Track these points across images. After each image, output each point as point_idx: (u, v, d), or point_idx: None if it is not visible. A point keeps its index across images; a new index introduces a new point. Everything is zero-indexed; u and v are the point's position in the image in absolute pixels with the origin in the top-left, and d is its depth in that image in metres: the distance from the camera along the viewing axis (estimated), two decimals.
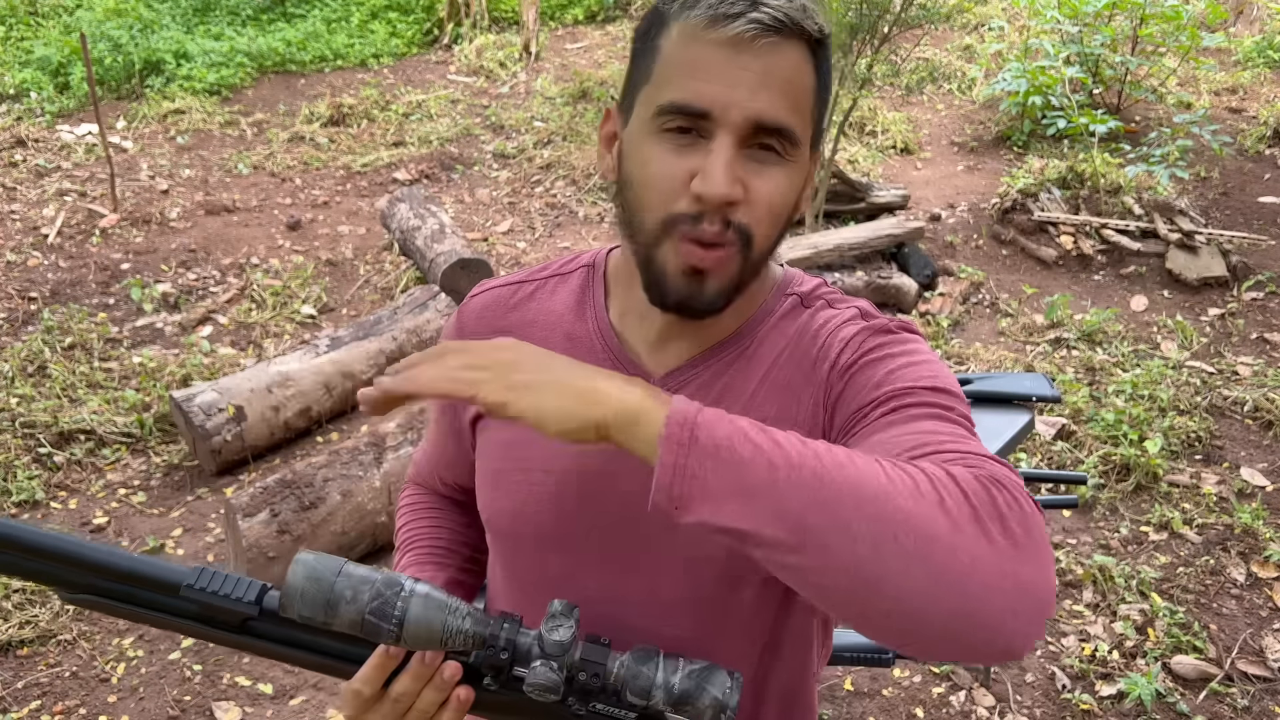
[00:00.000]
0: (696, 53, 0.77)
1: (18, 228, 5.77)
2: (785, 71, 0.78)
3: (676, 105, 0.78)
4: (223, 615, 0.79)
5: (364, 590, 0.74)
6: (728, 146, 0.77)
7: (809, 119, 0.82)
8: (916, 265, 5.17)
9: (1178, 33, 7.19)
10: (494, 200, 6.43)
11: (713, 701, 0.76)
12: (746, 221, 0.79)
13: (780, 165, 0.80)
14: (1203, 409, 4.01)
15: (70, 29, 8.39)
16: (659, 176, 0.80)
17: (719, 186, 0.76)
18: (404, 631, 0.74)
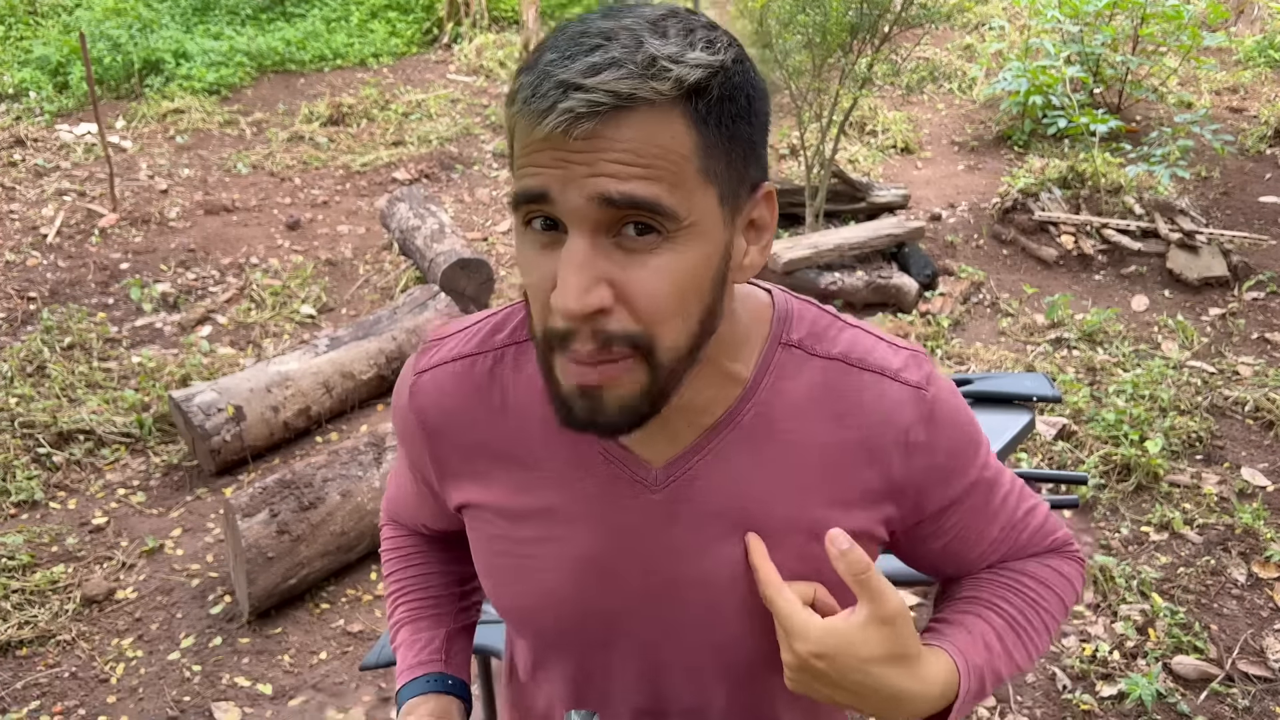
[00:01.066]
0: (529, 149, 0.66)
1: (17, 227, 5.76)
2: (629, 144, 0.63)
3: (519, 195, 0.67)
4: None
5: None
6: (578, 249, 0.64)
7: (697, 182, 0.66)
8: (917, 265, 5.16)
9: (1178, 32, 7.19)
10: (494, 200, 6.43)
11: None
12: (632, 329, 0.66)
13: (665, 246, 0.66)
14: (1203, 409, 4.00)
15: (69, 28, 8.38)
16: (531, 283, 0.70)
17: (569, 299, 0.64)
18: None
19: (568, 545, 0.85)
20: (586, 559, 0.84)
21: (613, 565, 0.84)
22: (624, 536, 0.83)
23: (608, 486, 0.83)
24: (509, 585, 0.88)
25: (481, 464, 0.87)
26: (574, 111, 0.62)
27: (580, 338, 0.67)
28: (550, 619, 0.87)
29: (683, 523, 0.82)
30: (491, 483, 0.87)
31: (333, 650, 2.91)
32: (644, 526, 0.82)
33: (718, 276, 0.70)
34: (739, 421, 0.80)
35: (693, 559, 0.82)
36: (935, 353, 4.52)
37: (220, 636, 2.96)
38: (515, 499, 0.86)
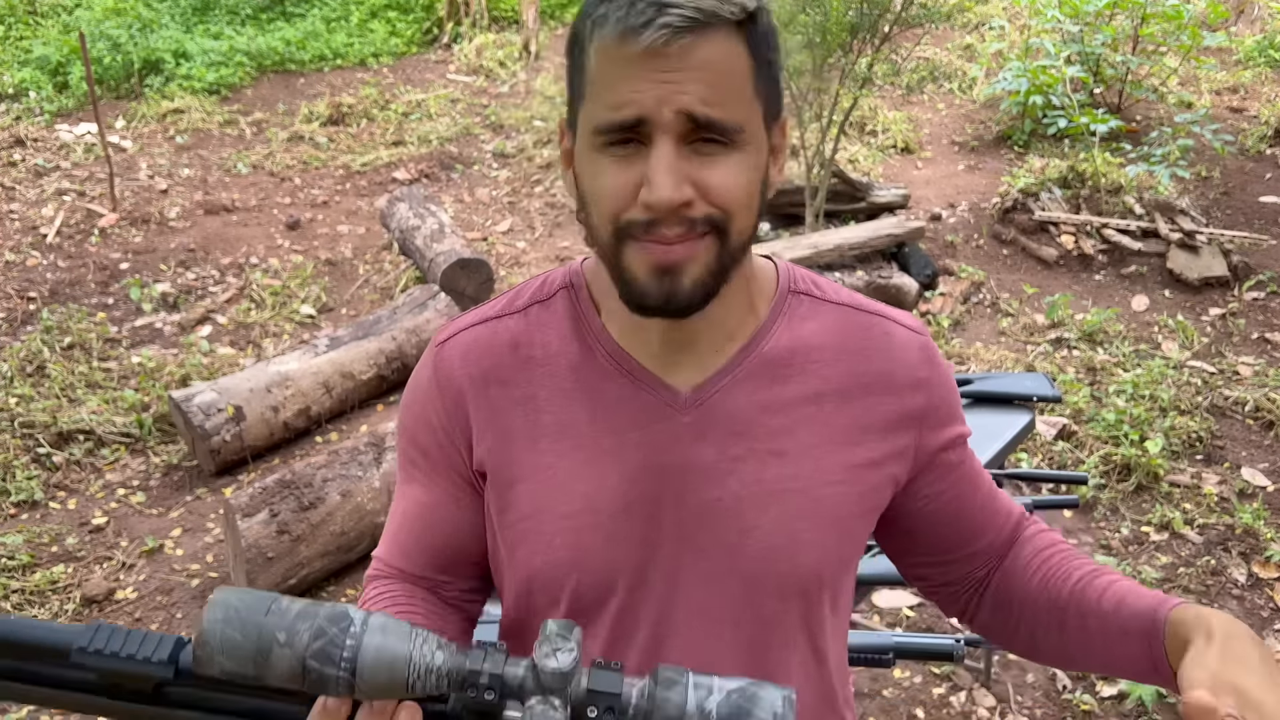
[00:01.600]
0: (616, 70, 0.75)
1: (16, 227, 5.76)
2: (710, 64, 0.75)
3: (609, 125, 0.77)
4: (129, 681, 0.64)
5: (301, 629, 0.60)
6: (668, 148, 0.75)
7: (752, 99, 0.79)
8: (917, 265, 5.16)
9: (1179, 32, 7.18)
10: (494, 200, 6.43)
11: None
12: (712, 213, 0.77)
13: (730, 152, 0.77)
14: (1204, 409, 4.00)
15: (69, 28, 8.38)
16: (608, 190, 0.78)
17: (664, 191, 0.74)
18: (358, 677, 0.60)
19: (605, 481, 0.86)
20: (622, 494, 0.85)
21: (646, 497, 0.86)
22: (657, 463, 0.85)
23: (639, 416, 0.86)
24: (544, 540, 0.87)
25: (516, 417, 0.88)
26: (672, 26, 0.73)
27: (668, 224, 0.76)
28: (586, 570, 0.86)
29: (711, 442, 0.86)
30: (524, 433, 0.88)
31: None
32: (675, 448, 0.85)
33: (764, 180, 0.83)
34: (760, 350, 0.88)
35: (722, 479, 0.85)
36: None
37: None
38: (550, 445, 0.87)
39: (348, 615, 0.61)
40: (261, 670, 0.60)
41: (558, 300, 0.92)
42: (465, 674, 0.62)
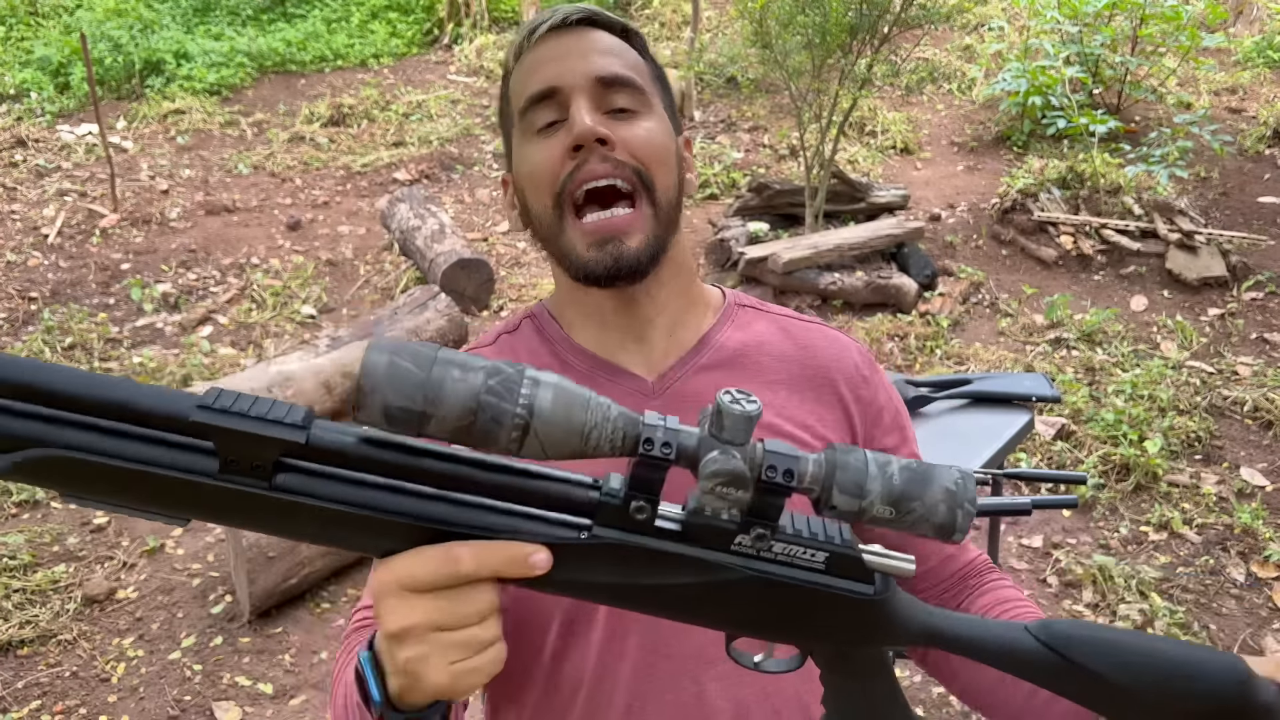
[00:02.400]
0: (529, 60, 0.91)
1: (18, 228, 5.77)
2: (606, 43, 0.90)
3: (530, 97, 0.88)
4: (251, 448, 0.55)
5: (477, 366, 0.56)
6: (583, 100, 0.86)
7: (651, 84, 0.91)
8: (916, 265, 5.17)
9: (1178, 33, 7.19)
10: (494, 200, 6.43)
11: (945, 494, 0.61)
12: (631, 161, 0.85)
13: (640, 115, 0.88)
14: (1202, 409, 4.01)
15: (70, 29, 8.39)
16: (540, 161, 0.87)
17: (583, 120, 0.84)
18: (535, 417, 0.55)
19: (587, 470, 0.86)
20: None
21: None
22: None
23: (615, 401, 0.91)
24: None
25: None
26: (565, 16, 0.89)
27: (594, 158, 0.84)
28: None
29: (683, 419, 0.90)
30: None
31: (333, 650, 2.91)
32: None
33: (679, 159, 0.92)
34: (715, 344, 0.96)
35: None
36: (935, 353, 4.53)
37: (221, 636, 2.96)
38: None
39: (521, 369, 0.57)
40: (430, 406, 0.54)
41: (524, 327, 1.00)
42: (641, 428, 0.59)
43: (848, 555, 0.63)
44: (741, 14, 5.60)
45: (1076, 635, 0.66)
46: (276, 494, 0.56)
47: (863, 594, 0.64)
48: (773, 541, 0.62)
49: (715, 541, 0.61)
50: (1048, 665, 0.66)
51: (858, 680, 0.68)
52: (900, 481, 0.60)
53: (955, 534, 0.61)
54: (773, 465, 0.59)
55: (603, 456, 0.58)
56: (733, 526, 0.61)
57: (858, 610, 0.64)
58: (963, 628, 0.68)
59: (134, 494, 0.56)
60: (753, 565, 0.62)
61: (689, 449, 0.59)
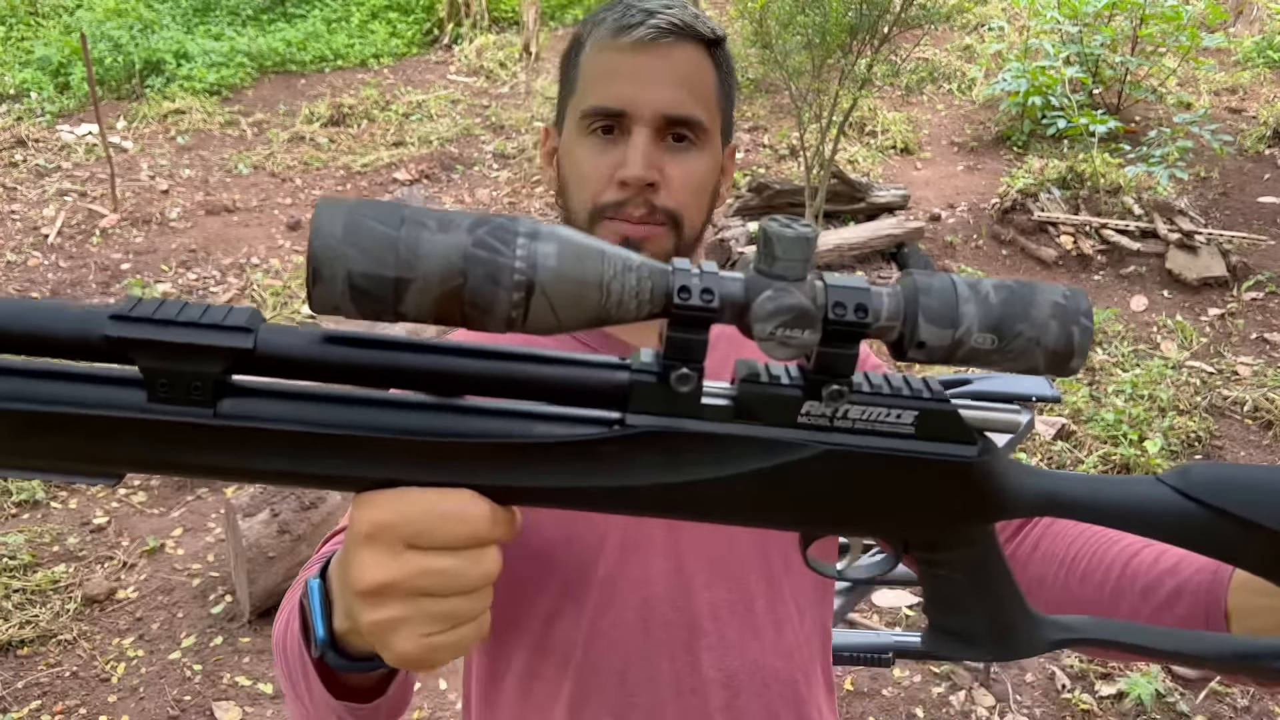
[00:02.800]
0: (608, 60, 0.90)
1: (18, 228, 5.77)
2: (686, 68, 0.89)
3: (596, 109, 0.89)
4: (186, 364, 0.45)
5: (456, 223, 0.45)
6: (644, 137, 0.87)
7: (715, 111, 0.92)
8: (916, 265, 5.17)
9: (1178, 33, 7.19)
10: (494, 200, 6.44)
11: (1054, 308, 0.50)
12: (670, 205, 0.89)
13: (693, 151, 0.90)
14: (1202, 409, 4.01)
15: (70, 29, 8.39)
16: (588, 171, 0.89)
17: (636, 169, 0.86)
18: (538, 275, 0.45)
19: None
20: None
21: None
22: None
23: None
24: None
25: None
26: (658, 27, 0.87)
27: (634, 204, 0.88)
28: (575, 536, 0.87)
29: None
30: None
31: None
32: None
33: (715, 188, 0.95)
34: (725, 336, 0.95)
35: None
36: None
37: (221, 636, 2.96)
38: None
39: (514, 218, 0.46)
40: (407, 268, 0.44)
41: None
42: (673, 275, 0.48)
43: (942, 411, 0.52)
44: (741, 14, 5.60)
45: (1225, 477, 0.56)
46: (224, 421, 0.46)
47: (964, 457, 0.53)
48: (849, 404, 0.51)
49: (779, 415, 0.51)
50: (1190, 519, 0.55)
51: (963, 573, 0.57)
52: (998, 300, 0.49)
53: (1074, 358, 0.51)
54: (840, 302, 0.49)
55: (629, 319, 0.48)
56: (798, 392, 0.50)
57: (960, 479, 0.53)
58: (1083, 486, 0.57)
59: (41, 447, 0.45)
60: (828, 439, 0.51)
61: (734, 293, 0.48)
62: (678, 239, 0.90)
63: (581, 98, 0.91)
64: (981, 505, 0.54)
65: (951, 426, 0.53)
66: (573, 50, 0.94)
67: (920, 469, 0.52)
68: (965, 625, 0.58)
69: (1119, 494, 0.57)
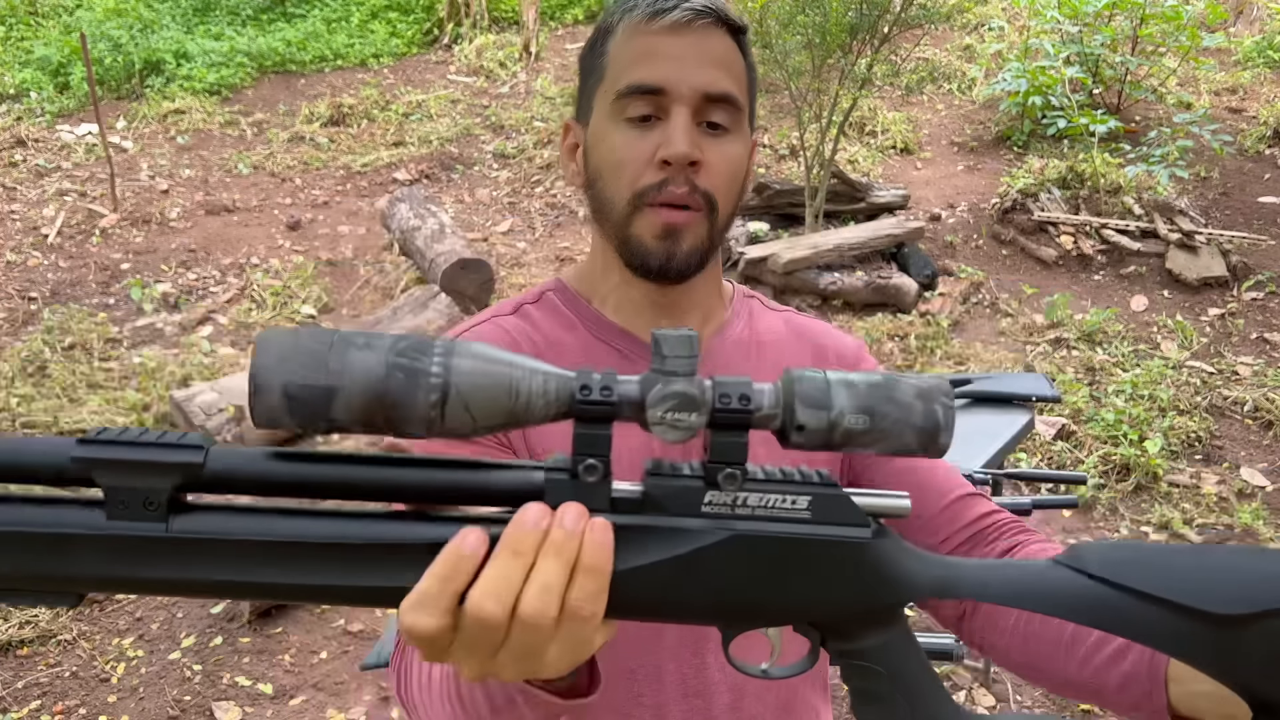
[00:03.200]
0: (643, 43, 0.88)
1: (18, 228, 5.77)
2: (720, 50, 0.89)
3: (634, 86, 0.87)
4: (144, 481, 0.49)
5: (379, 340, 0.50)
6: (685, 116, 0.86)
7: (745, 96, 0.92)
8: (916, 265, 5.17)
9: (1178, 33, 7.19)
10: (494, 200, 6.44)
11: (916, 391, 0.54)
12: (709, 186, 0.88)
13: (730, 136, 0.89)
14: (1203, 409, 4.01)
15: (70, 29, 8.39)
16: (627, 157, 0.88)
17: (681, 146, 0.85)
18: (453, 374, 0.49)
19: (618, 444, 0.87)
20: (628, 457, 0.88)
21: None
22: None
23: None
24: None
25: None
26: (694, 9, 0.87)
27: (677, 182, 0.86)
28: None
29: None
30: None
31: (333, 650, 2.91)
32: None
33: (745, 176, 0.94)
34: (732, 332, 0.99)
35: None
36: (935, 353, 4.53)
37: (221, 636, 2.96)
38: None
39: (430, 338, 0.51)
40: (335, 377, 0.48)
41: (545, 300, 0.99)
42: (575, 377, 0.52)
43: (834, 495, 0.56)
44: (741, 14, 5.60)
45: (1118, 556, 0.57)
46: (175, 534, 0.50)
47: (858, 538, 0.56)
48: (746, 492, 0.55)
49: (684, 504, 0.54)
50: (1093, 597, 0.57)
51: (882, 665, 0.59)
52: (866, 387, 0.54)
53: (941, 434, 0.54)
54: (725, 393, 0.53)
55: (538, 419, 0.52)
56: (699, 481, 0.54)
57: (855, 560, 0.56)
58: (978, 570, 0.59)
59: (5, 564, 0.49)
60: (731, 525, 0.55)
61: (630, 392, 0.52)
62: (712, 226, 0.89)
63: (615, 80, 0.89)
64: (879, 587, 0.57)
65: (844, 510, 0.56)
66: (599, 39, 0.93)
67: (818, 551, 0.56)
68: (890, 718, 0.60)
69: (1016, 576, 0.59)
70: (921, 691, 0.59)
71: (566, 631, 0.51)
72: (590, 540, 0.51)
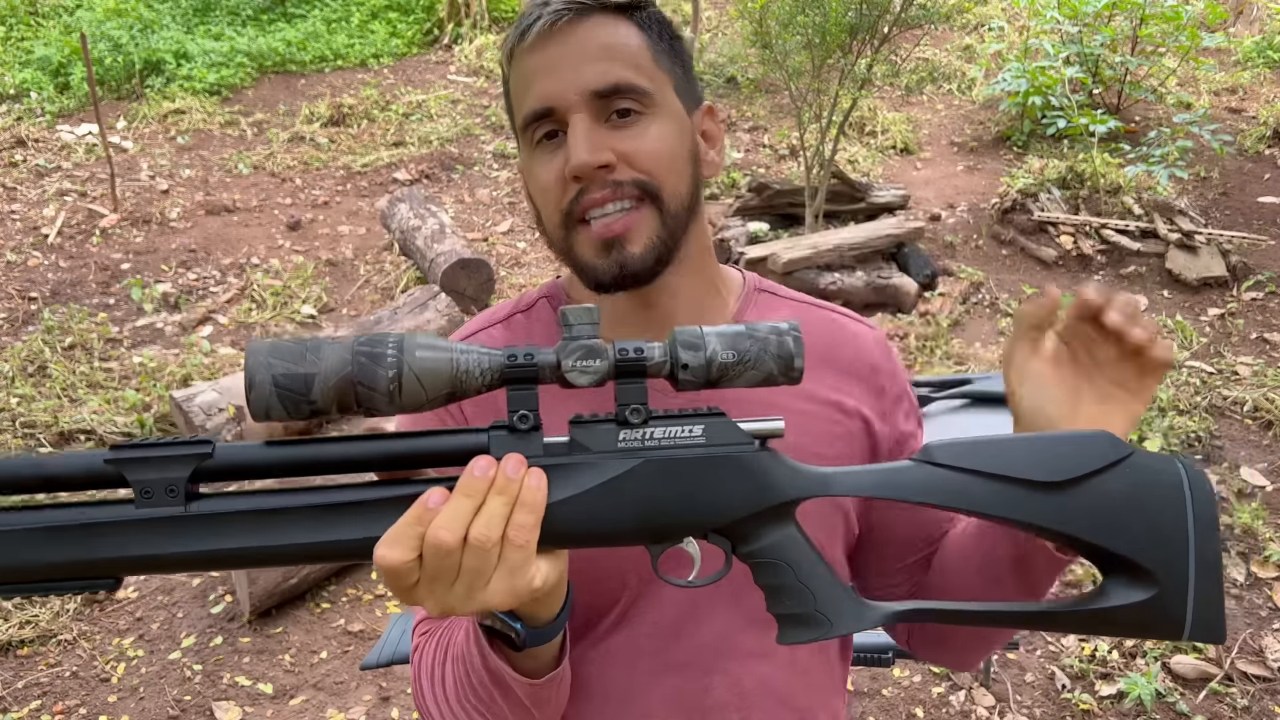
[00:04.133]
0: (523, 66, 0.86)
1: (18, 228, 5.77)
2: (600, 39, 0.84)
3: (527, 116, 0.85)
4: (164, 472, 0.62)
5: (345, 339, 0.63)
6: (582, 124, 0.83)
7: (654, 71, 0.86)
8: (916, 265, 5.17)
9: (1177, 33, 7.20)
10: (494, 200, 6.44)
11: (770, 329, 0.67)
12: (638, 176, 0.83)
13: (643, 119, 0.84)
14: (1202, 409, 4.01)
15: (70, 29, 8.39)
16: (546, 181, 0.86)
17: (581, 155, 0.82)
18: (405, 354, 0.61)
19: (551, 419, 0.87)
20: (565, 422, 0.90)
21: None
22: None
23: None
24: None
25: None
26: (555, 12, 0.83)
27: (594, 187, 0.83)
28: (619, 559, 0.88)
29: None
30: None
31: (333, 650, 2.91)
32: None
33: (693, 153, 0.89)
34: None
35: None
36: (935, 353, 4.53)
37: (221, 636, 2.96)
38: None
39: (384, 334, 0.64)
40: (312, 365, 0.61)
41: (538, 308, 0.97)
42: (504, 352, 0.64)
43: (720, 421, 0.68)
44: (741, 14, 5.61)
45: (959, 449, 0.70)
46: (193, 512, 0.62)
47: (745, 448, 0.68)
48: (651, 427, 0.67)
49: (602, 443, 0.67)
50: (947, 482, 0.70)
51: (782, 559, 0.70)
52: (730, 332, 0.65)
53: (795, 360, 0.65)
54: (623, 349, 0.65)
55: (475, 389, 0.63)
56: (612, 423, 0.67)
57: (745, 470, 0.68)
58: (847, 474, 0.71)
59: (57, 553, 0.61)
60: (643, 454, 0.67)
61: (548, 358, 0.64)
62: (661, 214, 0.85)
63: (518, 114, 0.88)
64: (768, 490, 0.68)
65: (731, 432, 0.68)
66: (505, 79, 0.91)
67: (714, 466, 0.68)
68: (799, 605, 0.70)
69: (880, 475, 0.71)
70: (819, 577, 0.70)
71: (506, 558, 0.61)
72: (528, 484, 0.62)
